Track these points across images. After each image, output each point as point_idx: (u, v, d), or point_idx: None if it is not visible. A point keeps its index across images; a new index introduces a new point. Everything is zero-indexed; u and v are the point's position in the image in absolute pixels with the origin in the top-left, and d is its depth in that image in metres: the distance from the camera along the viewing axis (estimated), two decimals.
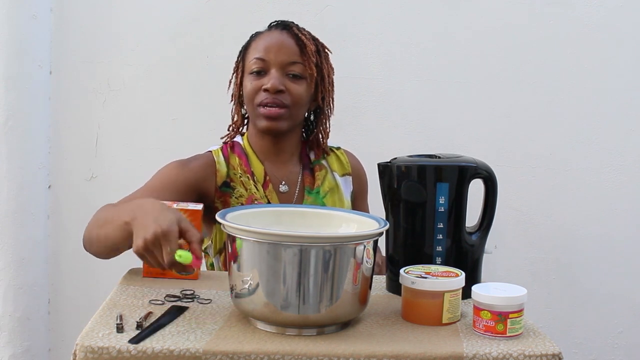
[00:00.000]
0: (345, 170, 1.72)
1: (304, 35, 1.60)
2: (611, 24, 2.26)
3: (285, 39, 1.59)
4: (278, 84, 1.55)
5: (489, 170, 1.34)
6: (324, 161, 1.71)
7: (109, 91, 2.29)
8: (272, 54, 1.57)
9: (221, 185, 1.59)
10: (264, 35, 1.61)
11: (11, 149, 2.18)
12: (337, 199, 1.68)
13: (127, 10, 2.27)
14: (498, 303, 1.11)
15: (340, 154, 1.74)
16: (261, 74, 1.58)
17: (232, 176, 1.61)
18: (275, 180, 1.64)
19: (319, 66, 1.62)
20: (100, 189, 2.31)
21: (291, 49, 1.58)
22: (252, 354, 1.02)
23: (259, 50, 1.59)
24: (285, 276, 1.06)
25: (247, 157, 1.63)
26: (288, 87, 1.57)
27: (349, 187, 1.73)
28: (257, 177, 1.62)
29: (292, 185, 1.65)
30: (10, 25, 2.15)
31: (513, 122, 2.29)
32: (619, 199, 2.31)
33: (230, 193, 1.59)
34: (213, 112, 2.24)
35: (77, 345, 1.02)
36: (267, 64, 1.57)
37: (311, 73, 1.59)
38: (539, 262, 2.33)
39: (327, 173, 1.70)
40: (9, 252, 2.20)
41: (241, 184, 1.60)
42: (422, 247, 1.31)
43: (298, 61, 1.58)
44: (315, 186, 1.66)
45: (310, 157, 1.70)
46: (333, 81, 1.68)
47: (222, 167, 1.60)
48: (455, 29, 2.27)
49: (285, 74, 1.57)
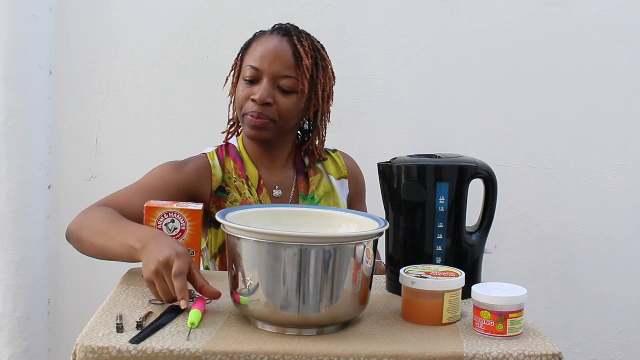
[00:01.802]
0: (341, 174, 1.71)
1: (303, 47, 1.55)
2: (611, 24, 2.26)
3: (282, 49, 1.55)
4: (266, 96, 1.53)
5: (489, 170, 1.34)
6: (320, 165, 1.69)
7: (109, 91, 2.29)
8: (266, 63, 1.54)
9: (217, 190, 1.58)
10: (264, 40, 1.58)
11: (11, 149, 2.18)
12: (333, 203, 1.67)
13: (127, 10, 2.27)
14: (498, 303, 1.11)
15: (337, 157, 1.73)
16: (253, 83, 1.56)
17: (227, 181, 1.59)
18: (269, 185, 1.62)
19: (314, 81, 1.58)
20: (100, 189, 2.30)
21: (286, 61, 1.54)
22: (252, 354, 1.02)
23: (255, 57, 1.56)
24: (286, 276, 1.06)
25: (242, 162, 1.62)
26: (277, 100, 1.54)
27: (345, 190, 1.71)
28: (251, 182, 1.61)
29: (286, 190, 1.64)
30: (10, 25, 2.15)
31: (513, 122, 2.29)
32: (619, 199, 2.31)
33: (225, 198, 1.58)
34: (213, 112, 2.24)
35: (77, 345, 1.02)
36: (260, 73, 1.55)
37: (303, 89, 1.55)
38: (539, 262, 2.33)
39: (323, 177, 1.68)
40: (9, 252, 2.20)
41: (236, 189, 1.59)
42: (422, 247, 1.31)
43: (291, 75, 1.54)
44: (310, 192, 1.64)
45: (305, 162, 1.68)
46: (332, 93, 1.64)
47: (218, 171, 1.59)
48: (455, 29, 2.27)
49: (275, 85, 1.55)
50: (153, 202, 1.38)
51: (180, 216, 1.34)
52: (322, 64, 1.60)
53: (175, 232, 1.35)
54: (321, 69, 1.59)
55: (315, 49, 1.59)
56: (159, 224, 1.34)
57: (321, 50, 1.61)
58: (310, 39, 1.60)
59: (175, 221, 1.35)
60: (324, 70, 1.60)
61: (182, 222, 1.35)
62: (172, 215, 1.34)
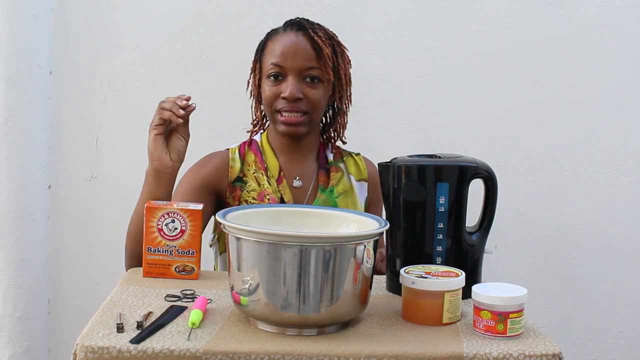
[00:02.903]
0: (361, 176, 1.74)
1: (320, 38, 1.60)
2: (611, 24, 2.26)
3: (301, 43, 1.59)
4: (296, 92, 1.57)
5: (489, 170, 1.34)
6: (342, 164, 1.73)
7: (109, 91, 2.29)
8: (288, 59, 1.58)
9: (234, 181, 1.63)
10: (280, 37, 1.62)
11: (11, 149, 2.18)
12: (351, 201, 1.69)
13: (127, 10, 2.27)
14: (498, 303, 1.11)
15: (359, 160, 1.76)
16: (278, 80, 1.60)
17: (245, 171, 1.64)
18: (289, 176, 1.66)
19: (336, 67, 1.63)
20: (100, 189, 2.31)
21: (307, 54, 1.59)
22: (252, 354, 1.02)
23: (276, 54, 1.59)
24: (286, 276, 1.06)
25: (262, 154, 1.66)
26: (306, 94, 1.59)
27: (364, 193, 1.73)
28: (271, 172, 1.64)
29: (306, 181, 1.67)
30: (10, 25, 2.15)
31: (513, 122, 2.29)
32: (619, 199, 2.31)
33: (241, 187, 1.62)
34: (213, 112, 2.25)
35: (77, 345, 1.03)
36: (284, 69, 1.59)
37: (328, 77, 1.61)
38: (539, 262, 2.33)
39: (343, 175, 1.71)
40: (9, 252, 2.20)
41: (254, 179, 1.63)
42: (422, 247, 1.31)
43: (315, 66, 1.59)
44: (330, 185, 1.68)
45: (328, 158, 1.72)
46: (350, 76, 1.70)
47: (237, 163, 1.64)
48: (455, 29, 2.27)
49: (302, 79, 1.59)
50: (153, 202, 1.38)
51: (180, 216, 1.35)
52: (339, 49, 1.66)
53: (176, 232, 1.35)
54: (339, 55, 1.65)
55: (330, 36, 1.65)
56: (159, 224, 1.35)
57: (335, 37, 1.67)
58: (323, 28, 1.66)
59: (175, 221, 1.35)
60: (342, 55, 1.67)
61: (182, 222, 1.35)
62: (172, 215, 1.35)
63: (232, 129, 2.16)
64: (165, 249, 1.36)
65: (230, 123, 2.21)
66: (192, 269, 1.36)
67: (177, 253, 1.36)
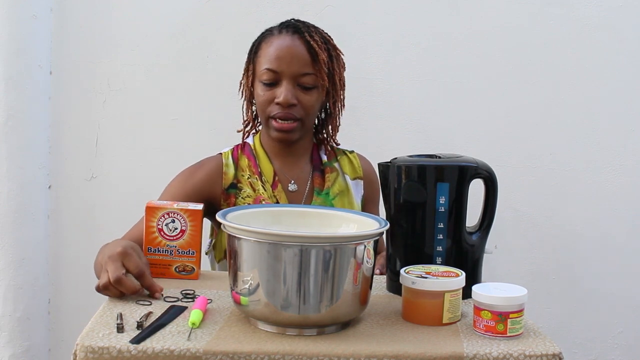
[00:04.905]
0: (356, 174, 1.72)
1: (316, 42, 1.57)
2: (611, 24, 2.26)
3: (296, 48, 1.56)
4: (290, 98, 1.55)
5: (489, 170, 1.34)
6: (336, 163, 1.71)
7: (109, 91, 2.29)
8: (284, 64, 1.55)
9: (228, 188, 1.60)
10: (275, 40, 1.58)
11: (11, 149, 2.18)
12: (347, 202, 1.68)
13: (127, 10, 2.27)
14: (498, 303, 1.11)
15: (353, 158, 1.74)
16: (272, 85, 1.57)
17: (239, 177, 1.61)
18: (284, 180, 1.64)
19: (331, 72, 1.61)
20: (100, 189, 2.31)
21: (303, 59, 1.56)
22: (252, 354, 1.02)
23: (270, 59, 1.56)
24: (286, 276, 1.06)
25: (255, 159, 1.64)
26: (300, 99, 1.56)
27: (360, 191, 1.72)
28: (265, 177, 1.62)
29: (301, 184, 1.65)
30: (10, 25, 2.15)
31: (513, 122, 2.29)
32: (619, 199, 2.31)
33: (235, 194, 1.60)
34: (213, 112, 2.25)
35: (78, 345, 1.03)
36: (279, 75, 1.56)
37: (323, 83, 1.58)
38: (539, 262, 2.33)
39: (338, 175, 1.70)
40: (9, 252, 2.20)
41: (249, 185, 1.61)
42: (423, 247, 1.31)
43: (310, 72, 1.56)
44: (325, 187, 1.66)
45: (322, 159, 1.70)
46: (344, 80, 1.68)
47: (230, 169, 1.61)
48: (455, 29, 2.27)
49: (296, 84, 1.56)
50: (153, 202, 1.38)
51: (181, 216, 1.35)
52: (334, 54, 1.63)
53: (176, 232, 1.35)
54: (335, 60, 1.62)
55: (325, 40, 1.62)
56: (159, 224, 1.35)
57: (331, 41, 1.64)
58: (319, 31, 1.62)
59: (175, 221, 1.35)
60: (337, 59, 1.64)
61: (182, 222, 1.35)
62: (172, 215, 1.35)
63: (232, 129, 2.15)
64: (165, 249, 1.36)
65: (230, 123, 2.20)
66: (192, 269, 1.37)
67: (177, 253, 1.36)
